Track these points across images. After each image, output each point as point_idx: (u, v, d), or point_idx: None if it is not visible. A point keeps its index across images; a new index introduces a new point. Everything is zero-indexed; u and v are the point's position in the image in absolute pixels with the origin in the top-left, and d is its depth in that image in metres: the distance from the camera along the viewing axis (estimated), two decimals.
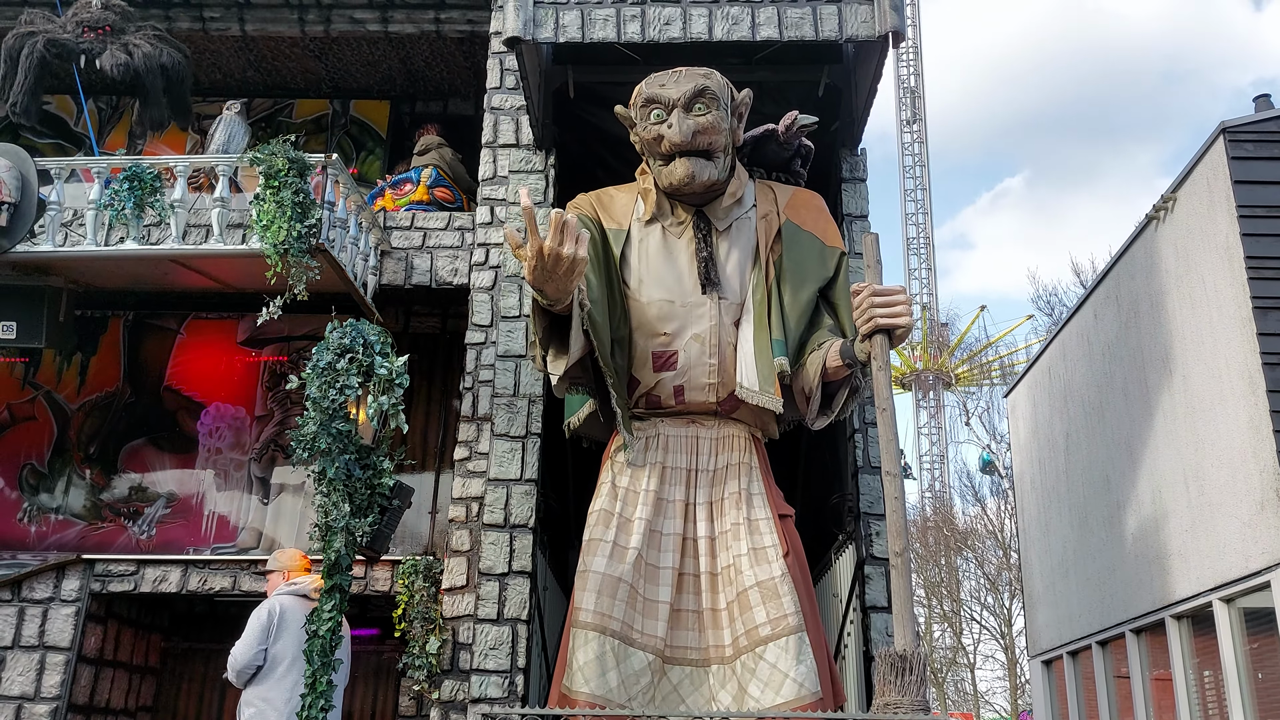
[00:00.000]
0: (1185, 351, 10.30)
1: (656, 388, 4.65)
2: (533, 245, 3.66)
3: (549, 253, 3.66)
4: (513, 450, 6.35)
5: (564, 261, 3.69)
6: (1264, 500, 8.82)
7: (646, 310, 4.59)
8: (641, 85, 4.60)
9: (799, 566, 4.43)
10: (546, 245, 3.65)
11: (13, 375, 9.93)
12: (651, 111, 4.50)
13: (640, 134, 4.60)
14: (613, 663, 4.17)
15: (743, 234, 4.70)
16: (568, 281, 3.79)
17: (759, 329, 4.50)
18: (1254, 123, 9.65)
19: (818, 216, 4.83)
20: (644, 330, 4.61)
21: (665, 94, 4.46)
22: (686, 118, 4.41)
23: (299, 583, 6.24)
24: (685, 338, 4.59)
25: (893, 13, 5.68)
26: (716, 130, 4.47)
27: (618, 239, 4.71)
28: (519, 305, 6.63)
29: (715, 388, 4.62)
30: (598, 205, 4.86)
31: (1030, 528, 16.25)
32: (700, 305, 4.58)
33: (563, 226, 3.67)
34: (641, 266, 4.66)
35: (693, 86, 4.44)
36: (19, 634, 8.25)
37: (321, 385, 6.64)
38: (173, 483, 9.52)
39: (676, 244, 4.66)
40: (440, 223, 9.03)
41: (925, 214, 38.94)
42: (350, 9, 9.54)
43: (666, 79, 4.55)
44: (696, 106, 4.43)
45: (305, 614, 6.02)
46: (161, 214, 8.14)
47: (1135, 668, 11.76)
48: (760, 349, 4.46)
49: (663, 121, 4.47)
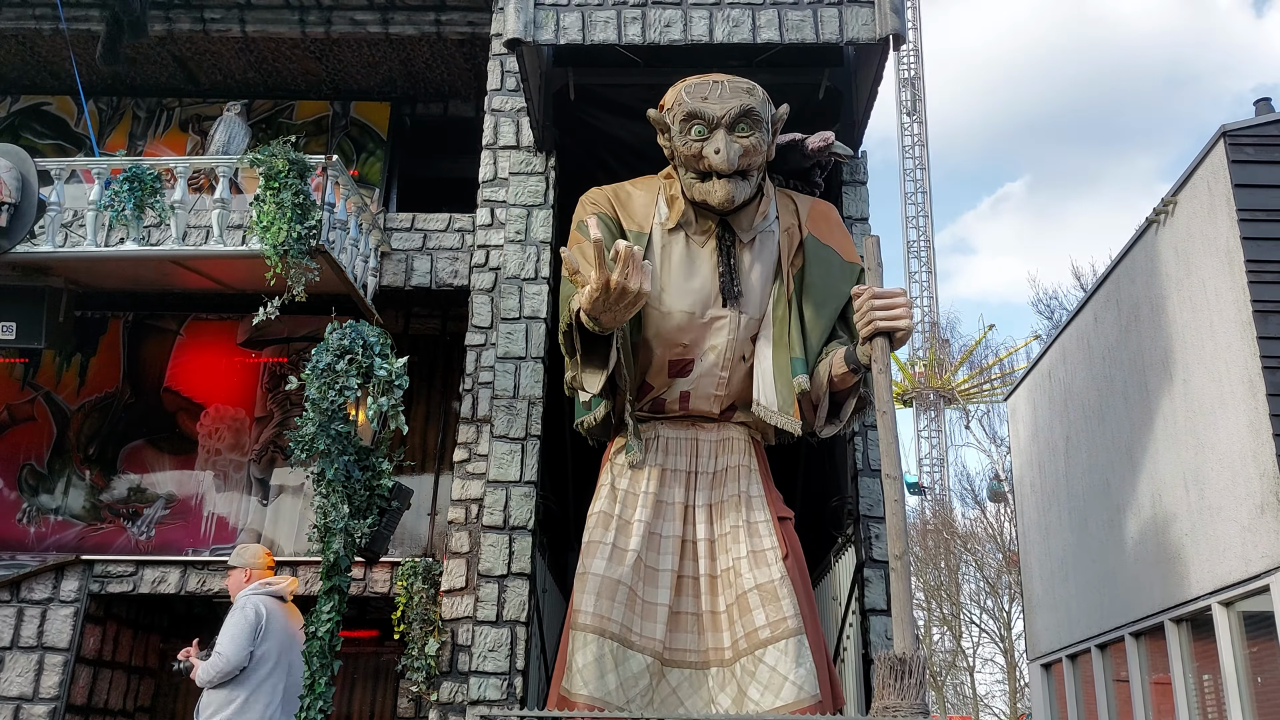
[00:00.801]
0: (1185, 355, 10.30)
1: (665, 392, 4.64)
2: (599, 278, 3.55)
3: (615, 286, 3.58)
4: (512, 452, 6.34)
5: (629, 295, 3.61)
6: (1264, 504, 8.82)
7: (666, 320, 4.49)
8: (681, 93, 4.37)
9: (798, 569, 4.42)
10: (614, 279, 3.55)
11: (12, 376, 9.93)
12: (693, 127, 4.28)
13: (676, 145, 4.40)
14: (611, 665, 4.17)
15: (766, 247, 4.58)
16: (627, 313, 3.72)
17: (778, 346, 4.45)
18: (1254, 126, 9.65)
19: (836, 230, 4.72)
20: (662, 339, 4.55)
21: (709, 110, 4.25)
22: (731, 140, 4.23)
23: (274, 584, 6.08)
24: (702, 348, 4.54)
25: (894, 15, 5.68)
26: (757, 152, 4.31)
27: (638, 242, 4.53)
28: (519, 307, 6.63)
29: (720, 399, 4.62)
30: (616, 203, 4.68)
31: (1030, 531, 16.25)
32: (721, 318, 4.48)
33: (630, 260, 3.56)
34: (663, 274, 4.52)
35: (739, 105, 4.25)
36: (17, 634, 8.25)
37: (321, 386, 6.64)
38: (172, 484, 9.53)
39: (700, 253, 4.52)
40: (440, 224, 9.04)
41: (925, 217, 38.95)
42: (351, 10, 9.55)
43: (709, 91, 4.32)
44: (740, 127, 4.25)
45: (284, 616, 5.95)
46: (161, 215, 8.14)
47: (1135, 671, 11.75)
48: (780, 368, 4.40)
49: (704, 139, 4.27)
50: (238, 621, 5.81)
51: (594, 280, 3.58)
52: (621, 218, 4.62)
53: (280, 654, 5.81)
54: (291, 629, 5.98)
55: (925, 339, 34.21)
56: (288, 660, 5.86)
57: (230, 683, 5.68)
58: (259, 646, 5.79)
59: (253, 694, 5.67)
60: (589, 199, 4.71)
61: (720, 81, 4.35)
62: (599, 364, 4.12)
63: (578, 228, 4.56)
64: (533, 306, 6.59)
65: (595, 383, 4.14)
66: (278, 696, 5.69)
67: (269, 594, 5.99)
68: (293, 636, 5.95)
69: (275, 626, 5.88)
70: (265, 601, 5.94)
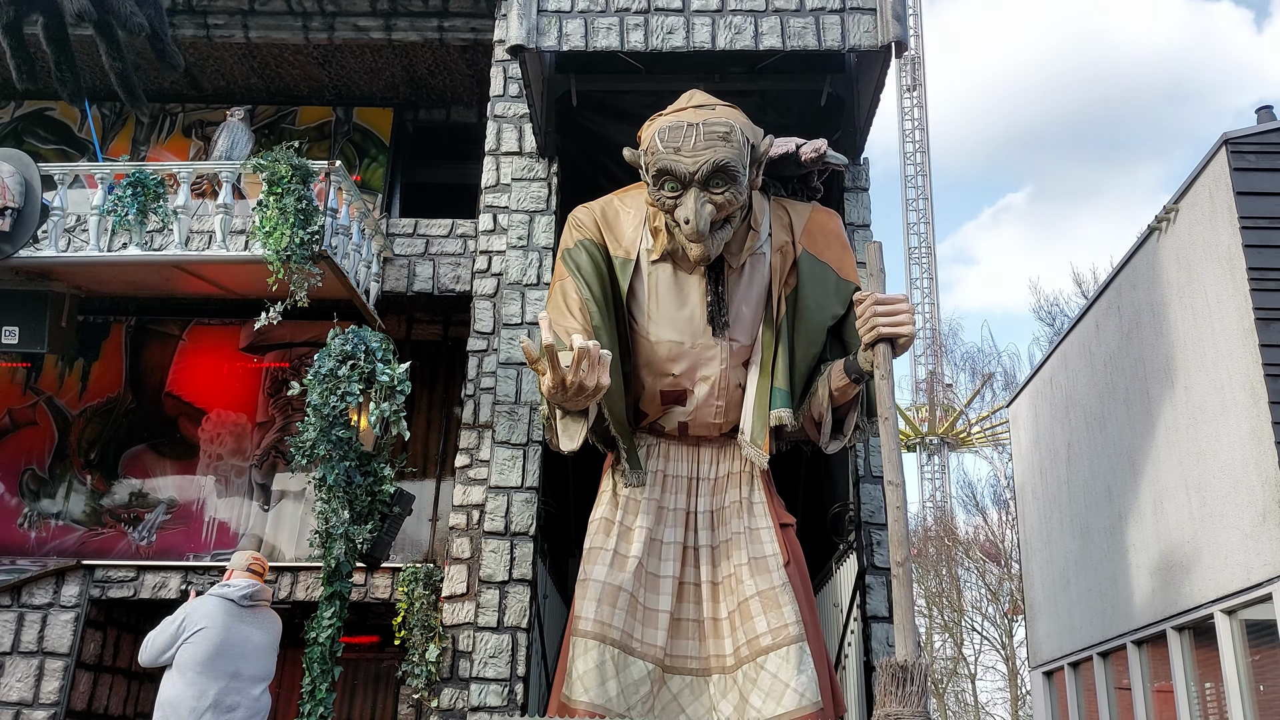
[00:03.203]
0: (1187, 362, 10.29)
1: (662, 419, 4.64)
2: (554, 377, 3.56)
3: (572, 385, 3.59)
4: (514, 458, 6.34)
5: (586, 390, 3.62)
6: (1266, 511, 8.80)
7: (656, 349, 4.48)
8: (655, 138, 4.14)
9: (800, 576, 4.42)
10: (569, 379, 3.57)
11: (14, 380, 9.93)
12: (665, 183, 4.08)
13: (649, 197, 4.24)
14: (612, 671, 4.16)
15: (757, 270, 4.50)
16: (588, 401, 3.71)
17: (763, 375, 4.42)
18: (1256, 134, 9.65)
19: (833, 243, 4.60)
20: (652, 369, 4.52)
21: (680, 168, 4.02)
22: (704, 199, 4.04)
23: (230, 586, 5.76)
24: (695, 378, 4.52)
25: (895, 23, 5.69)
26: (734, 203, 4.11)
27: (625, 269, 4.46)
28: (521, 313, 6.63)
29: (720, 425, 4.62)
30: (603, 225, 4.56)
31: (1032, 538, 16.23)
32: (710, 348, 4.45)
33: (586, 357, 3.55)
34: (651, 304, 4.46)
35: (711, 161, 4.00)
36: (18, 639, 8.24)
37: (323, 392, 6.65)
38: (173, 489, 9.52)
39: (688, 281, 4.43)
40: (443, 230, 9.04)
41: (927, 224, 38.93)
42: (354, 16, 9.57)
43: (682, 140, 4.05)
44: (714, 182, 4.04)
45: (234, 619, 5.62)
46: (164, 220, 8.15)
47: (1136, 679, 11.72)
48: (760, 399, 4.38)
49: (677, 195, 4.09)
50: (163, 623, 5.64)
51: (549, 379, 3.58)
52: (608, 241, 4.53)
53: (217, 655, 5.50)
54: (245, 632, 5.66)
55: (925, 383, 34.17)
56: (234, 665, 5.54)
57: (166, 682, 5.51)
58: (180, 650, 5.48)
59: (180, 693, 5.42)
60: (575, 221, 4.62)
61: (695, 126, 4.09)
62: (579, 417, 4.08)
63: (556, 293, 4.45)
64: (535, 312, 6.60)
65: (574, 436, 4.09)
66: (206, 701, 5.38)
67: (220, 595, 5.70)
68: (245, 639, 5.64)
69: (213, 626, 5.55)
70: (207, 603, 5.65)
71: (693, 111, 4.19)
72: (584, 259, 4.45)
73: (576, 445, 4.08)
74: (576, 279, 4.40)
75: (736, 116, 4.20)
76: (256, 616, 5.78)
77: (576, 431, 4.08)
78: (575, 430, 4.09)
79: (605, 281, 4.45)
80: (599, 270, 4.44)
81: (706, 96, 4.31)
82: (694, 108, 4.21)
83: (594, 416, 4.12)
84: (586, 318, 4.30)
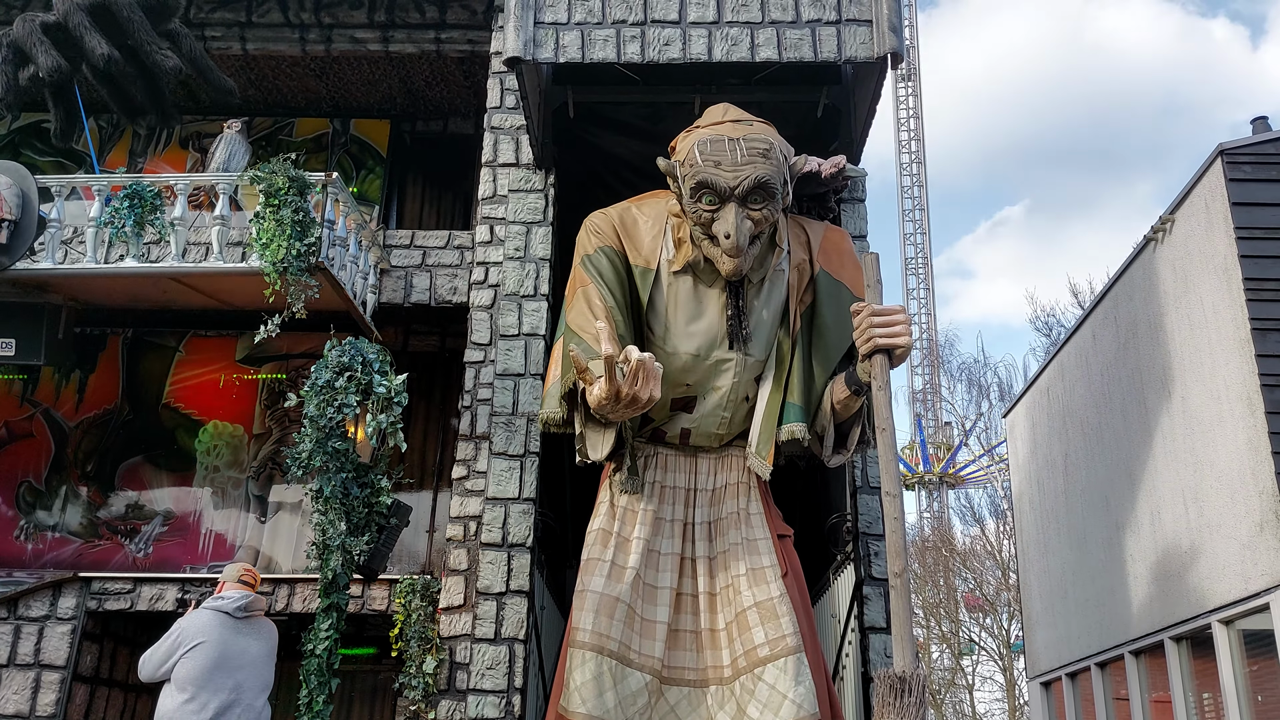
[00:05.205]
0: (1184, 372, 10.31)
1: (666, 425, 4.64)
2: (609, 388, 3.54)
3: (625, 396, 3.57)
4: (511, 469, 6.34)
5: (639, 402, 3.59)
6: (1263, 521, 8.81)
7: (671, 361, 4.44)
8: (694, 149, 4.11)
9: (798, 587, 4.42)
10: (624, 390, 3.54)
11: (11, 392, 9.92)
12: (703, 196, 4.07)
13: (685, 206, 4.21)
14: (610, 683, 4.15)
15: (776, 286, 4.49)
16: (637, 413, 3.69)
17: (775, 389, 4.42)
18: (1252, 145, 9.69)
19: (848, 263, 4.60)
20: (666, 379, 4.46)
21: (721, 182, 4.01)
22: (743, 214, 4.04)
23: (223, 599, 5.75)
24: (706, 388, 4.52)
25: (891, 35, 5.71)
26: (769, 220, 4.14)
27: (645, 279, 4.42)
28: (518, 324, 6.64)
29: (722, 436, 4.62)
30: (622, 233, 4.52)
31: (1029, 548, 16.23)
32: (726, 361, 4.42)
33: (642, 369, 3.53)
34: (669, 315, 4.44)
35: (753, 177, 4.00)
36: (14, 652, 8.22)
37: (320, 403, 6.65)
38: (170, 500, 9.51)
39: (708, 294, 4.40)
40: (440, 241, 9.05)
41: (923, 234, 39.01)
42: (351, 29, 9.59)
43: (724, 155, 4.05)
44: (753, 199, 4.04)
45: (230, 631, 5.62)
46: (161, 232, 8.16)
47: (1134, 689, 11.71)
48: (769, 412, 4.38)
49: (714, 209, 4.07)
50: (159, 640, 5.64)
51: (604, 390, 3.56)
52: (628, 249, 4.50)
53: (216, 668, 5.50)
54: (243, 644, 5.66)
55: (925, 404, 34.20)
56: (233, 677, 5.54)
57: (164, 701, 5.51)
58: (178, 666, 5.48)
59: (179, 706, 5.42)
60: (594, 227, 4.57)
61: (736, 141, 4.08)
62: (611, 426, 4.09)
63: (580, 299, 4.37)
64: (532, 323, 6.60)
65: (604, 446, 4.13)
66: (207, 714, 5.38)
67: (214, 608, 5.70)
68: (243, 650, 5.63)
69: (209, 639, 5.56)
70: (202, 617, 5.66)
71: (731, 126, 4.17)
72: (605, 265, 4.42)
73: (605, 455, 4.11)
74: (600, 285, 4.37)
75: (772, 133, 4.21)
76: (252, 627, 5.78)
77: (607, 441, 4.11)
78: (606, 440, 4.12)
79: (626, 289, 4.42)
80: (620, 277, 4.41)
81: (740, 111, 4.30)
82: (731, 122, 4.20)
83: (619, 432, 4.13)
84: (612, 326, 4.24)
